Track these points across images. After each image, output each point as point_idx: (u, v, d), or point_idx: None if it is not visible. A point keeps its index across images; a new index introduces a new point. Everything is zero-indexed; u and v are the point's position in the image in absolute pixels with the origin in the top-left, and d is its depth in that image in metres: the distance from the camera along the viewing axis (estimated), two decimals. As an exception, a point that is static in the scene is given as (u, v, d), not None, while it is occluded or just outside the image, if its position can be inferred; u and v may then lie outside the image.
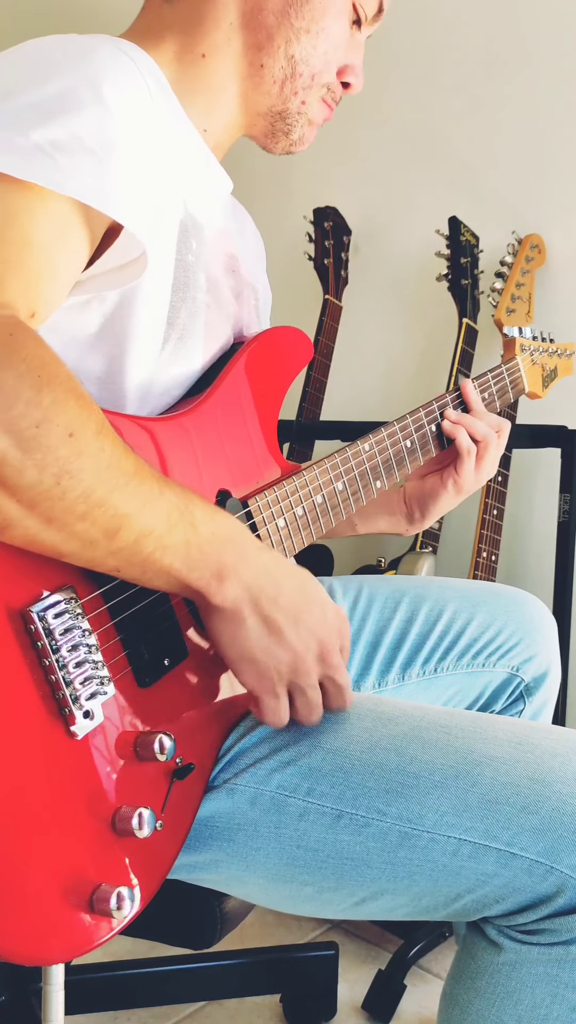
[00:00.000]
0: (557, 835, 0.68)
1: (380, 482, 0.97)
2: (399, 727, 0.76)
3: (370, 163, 2.01)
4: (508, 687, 1.07)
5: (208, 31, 0.85)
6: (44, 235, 0.68)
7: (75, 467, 0.61)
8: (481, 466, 1.03)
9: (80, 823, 0.64)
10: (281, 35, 0.85)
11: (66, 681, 0.64)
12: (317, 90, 0.89)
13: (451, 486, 1.03)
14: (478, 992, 0.72)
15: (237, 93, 0.88)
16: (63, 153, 0.67)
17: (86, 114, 0.69)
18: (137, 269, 0.75)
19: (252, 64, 0.86)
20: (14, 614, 0.63)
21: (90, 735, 0.66)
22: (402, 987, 1.34)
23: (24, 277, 0.66)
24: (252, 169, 1.36)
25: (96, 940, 0.64)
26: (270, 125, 0.90)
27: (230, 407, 0.85)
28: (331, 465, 0.91)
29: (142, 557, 0.66)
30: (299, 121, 0.90)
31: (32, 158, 0.66)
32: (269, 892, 0.79)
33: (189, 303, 0.83)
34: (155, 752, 0.68)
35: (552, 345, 1.24)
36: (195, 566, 0.68)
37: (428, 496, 1.06)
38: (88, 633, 0.67)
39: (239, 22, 0.85)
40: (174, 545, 0.66)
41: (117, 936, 0.66)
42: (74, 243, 0.71)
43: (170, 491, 0.67)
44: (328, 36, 0.87)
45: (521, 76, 1.79)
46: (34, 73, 0.71)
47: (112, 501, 0.63)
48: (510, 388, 1.14)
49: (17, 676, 0.63)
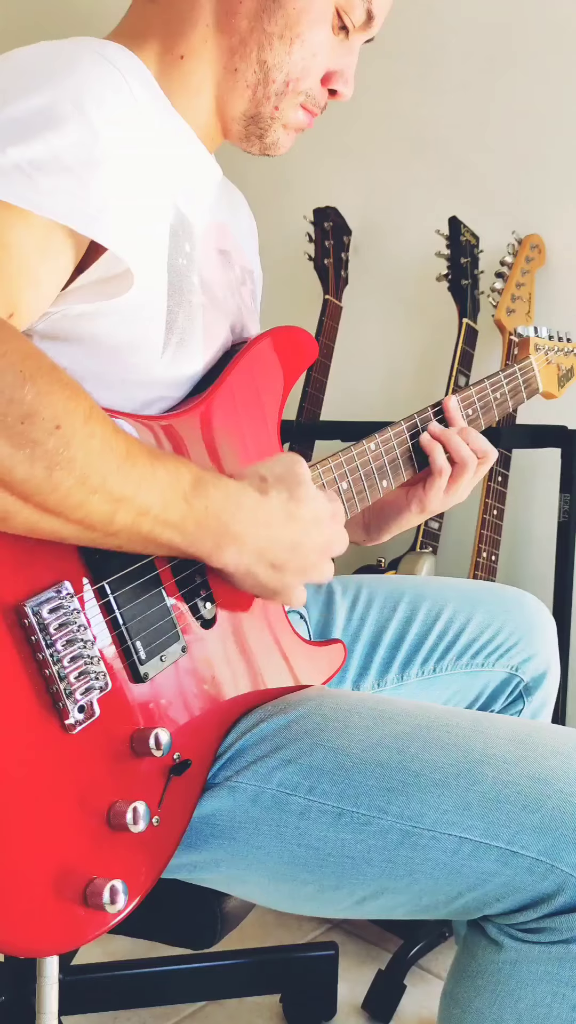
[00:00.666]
0: (558, 834, 0.68)
1: (387, 481, 0.96)
2: (400, 726, 0.76)
3: (370, 163, 2.01)
4: (507, 687, 1.07)
5: (186, 32, 0.84)
6: (23, 243, 0.67)
7: (65, 458, 0.62)
8: (452, 489, 0.98)
9: (75, 817, 0.64)
10: (254, 40, 0.83)
11: (60, 676, 0.65)
12: (293, 96, 0.86)
13: (415, 505, 0.99)
14: (479, 991, 0.72)
15: (213, 96, 0.86)
16: (42, 172, 0.67)
17: (66, 131, 0.68)
18: (124, 283, 0.74)
19: (227, 68, 0.85)
20: (8, 609, 0.63)
21: (85, 730, 0.66)
22: (402, 987, 1.34)
23: (3, 281, 0.66)
24: (252, 169, 1.36)
25: (89, 934, 0.64)
26: (244, 128, 0.88)
27: (232, 407, 0.85)
28: (335, 464, 0.91)
29: (142, 535, 0.68)
30: (272, 126, 0.88)
31: (9, 177, 0.66)
32: (270, 891, 0.79)
33: (186, 307, 0.82)
34: (151, 747, 0.68)
35: (569, 344, 1.21)
36: (193, 540, 0.71)
37: (389, 510, 1.02)
38: (84, 628, 0.67)
39: (214, 25, 0.84)
40: (171, 521, 0.69)
41: (117, 936, 0.66)
42: (56, 256, 0.70)
43: (162, 468, 0.69)
44: (304, 43, 0.84)
45: (521, 76, 1.79)
46: (14, 86, 0.70)
47: (106, 487, 0.64)
48: (523, 388, 1.12)
49: (11, 671, 0.63)
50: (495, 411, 1.07)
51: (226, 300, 0.92)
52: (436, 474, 0.97)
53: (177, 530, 0.70)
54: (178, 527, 0.70)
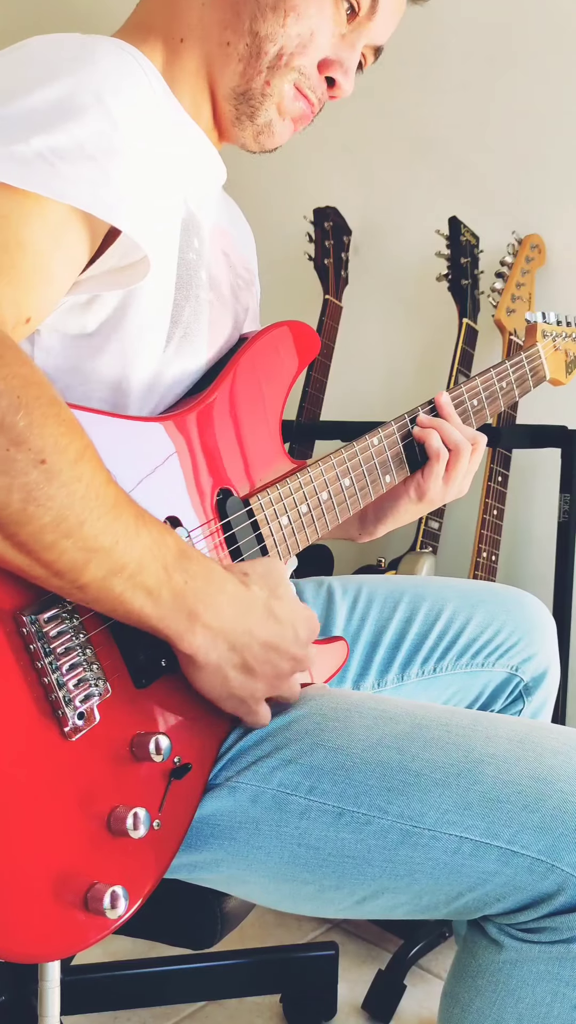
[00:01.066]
0: (558, 833, 0.68)
1: (390, 476, 0.96)
2: (400, 725, 0.76)
3: (370, 163, 2.01)
4: (507, 687, 1.07)
5: (183, 12, 0.84)
6: (40, 240, 0.67)
7: (43, 494, 0.59)
8: (451, 476, 0.97)
9: (75, 823, 0.64)
10: (247, 11, 0.83)
11: (59, 684, 0.64)
12: (286, 71, 0.84)
13: (414, 491, 0.98)
14: (479, 991, 0.72)
15: (207, 76, 0.85)
16: (64, 160, 0.67)
17: (88, 119, 0.69)
18: (139, 272, 0.74)
19: (219, 43, 0.84)
20: (7, 617, 0.63)
21: (85, 736, 0.66)
22: (402, 987, 1.34)
23: (17, 284, 0.66)
24: (252, 169, 1.36)
25: (90, 939, 0.64)
26: (234, 108, 0.86)
27: (234, 404, 0.85)
28: (338, 461, 0.91)
29: (113, 595, 0.64)
30: (263, 103, 0.85)
31: (32, 166, 0.66)
32: (270, 891, 0.79)
33: (192, 301, 0.83)
34: (151, 753, 0.68)
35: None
36: (165, 614, 0.67)
37: (386, 498, 1.01)
38: (83, 636, 0.67)
39: (210, 2, 0.84)
40: (146, 586, 0.65)
41: (117, 936, 0.66)
42: (71, 246, 0.70)
43: (146, 530, 0.66)
44: (300, 16, 0.82)
45: (521, 76, 1.79)
46: (35, 75, 0.70)
47: (82, 533, 0.61)
48: (530, 376, 1.11)
49: (11, 679, 0.63)
50: (500, 401, 1.06)
51: (232, 299, 0.92)
52: (433, 458, 0.97)
53: (151, 598, 0.65)
54: (152, 594, 0.65)
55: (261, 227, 1.09)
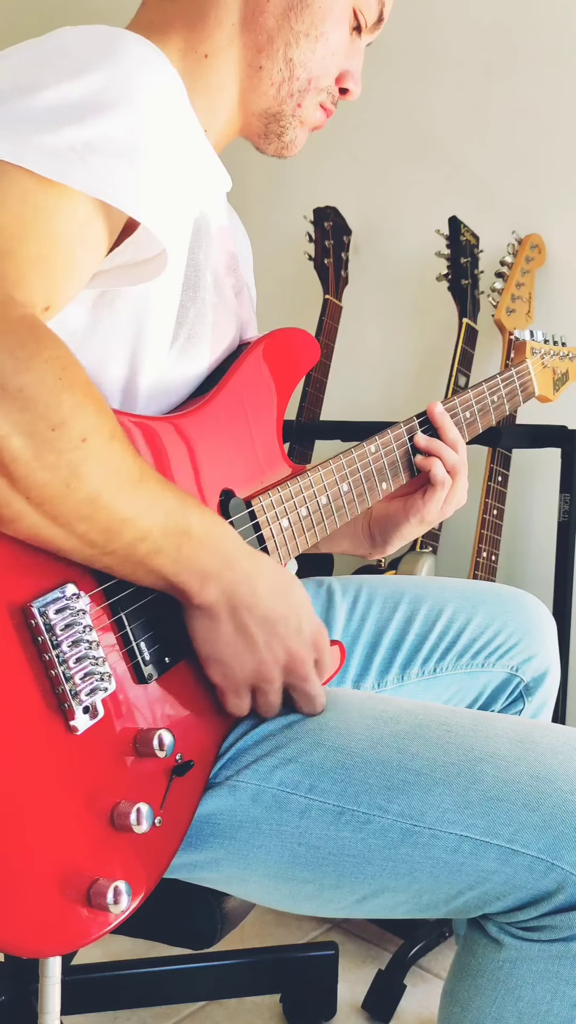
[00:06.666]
0: (558, 832, 0.68)
1: (386, 484, 0.96)
2: (400, 725, 0.76)
3: (370, 163, 2.01)
4: (507, 687, 1.07)
5: (211, 31, 0.85)
6: (68, 232, 0.68)
7: (84, 470, 0.62)
8: (449, 499, 0.99)
9: (78, 817, 0.64)
10: (281, 38, 0.86)
11: (66, 676, 0.65)
12: (314, 94, 0.89)
13: (414, 517, 1.00)
14: (479, 989, 0.72)
15: (236, 93, 0.88)
16: (95, 154, 0.67)
17: (118, 114, 0.69)
18: (154, 268, 0.75)
19: (251, 65, 0.87)
20: (15, 609, 0.63)
21: (90, 730, 0.66)
22: (402, 987, 1.34)
23: (46, 274, 0.66)
24: (252, 169, 1.36)
25: (92, 934, 0.64)
26: (264, 126, 0.91)
27: (235, 407, 0.86)
28: (336, 467, 0.91)
29: (137, 558, 0.68)
30: (292, 124, 0.90)
31: (64, 159, 0.66)
32: (270, 890, 0.79)
33: (198, 303, 0.83)
34: (154, 748, 0.69)
35: (564, 348, 1.23)
36: (183, 569, 0.70)
37: (389, 523, 1.03)
38: (89, 629, 0.67)
39: (240, 23, 0.85)
40: (167, 548, 0.68)
41: (117, 936, 0.67)
42: (94, 239, 0.71)
43: (171, 495, 0.69)
44: (327, 41, 0.87)
45: (521, 76, 1.79)
46: (68, 67, 0.71)
47: (115, 505, 0.65)
48: (520, 392, 1.13)
49: (17, 671, 0.63)
50: (492, 415, 1.08)
51: (233, 302, 0.93)
52: (439, 487, 0.98)
53: (169, 558, 0.69)
54: (171, 555, 0.69)
55: (261, 227, 1.10)
